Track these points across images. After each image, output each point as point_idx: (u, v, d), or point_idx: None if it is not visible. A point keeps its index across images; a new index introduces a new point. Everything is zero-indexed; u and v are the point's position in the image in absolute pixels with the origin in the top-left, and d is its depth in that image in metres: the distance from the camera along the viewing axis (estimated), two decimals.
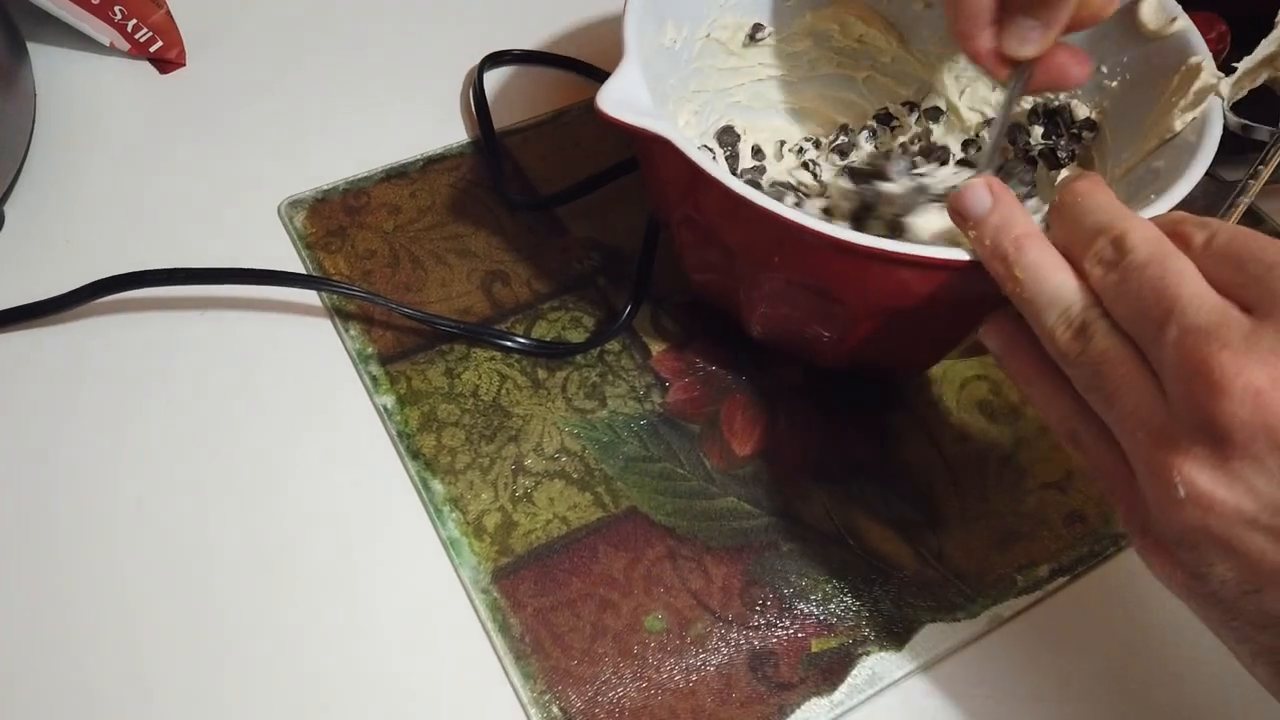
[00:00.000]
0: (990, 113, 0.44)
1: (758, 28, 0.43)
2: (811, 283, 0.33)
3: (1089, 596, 0.37)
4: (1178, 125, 0.35)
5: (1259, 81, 0.36)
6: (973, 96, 0.44)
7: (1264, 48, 0.36)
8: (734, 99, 0.45)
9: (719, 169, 0.32)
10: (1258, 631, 0.25)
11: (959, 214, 0.30)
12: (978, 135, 0.44)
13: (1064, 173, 0.41)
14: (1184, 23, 0.37)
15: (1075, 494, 0.39)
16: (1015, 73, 0.36)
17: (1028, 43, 0.35)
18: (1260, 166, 0.38)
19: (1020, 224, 0.29)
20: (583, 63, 0.51)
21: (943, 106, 0.45)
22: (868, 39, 0.45)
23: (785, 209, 0.31)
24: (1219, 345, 0.24)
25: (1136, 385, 0.26)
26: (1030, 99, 0.43)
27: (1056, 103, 0.42)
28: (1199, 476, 0.24)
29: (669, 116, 0.41)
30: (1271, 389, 0.23)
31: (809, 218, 0.31)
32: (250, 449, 0.38)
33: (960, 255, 0.30)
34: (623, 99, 0.33)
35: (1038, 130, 0.42)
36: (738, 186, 0.31)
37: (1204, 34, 0.37)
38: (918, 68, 0.45)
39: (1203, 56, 0.36)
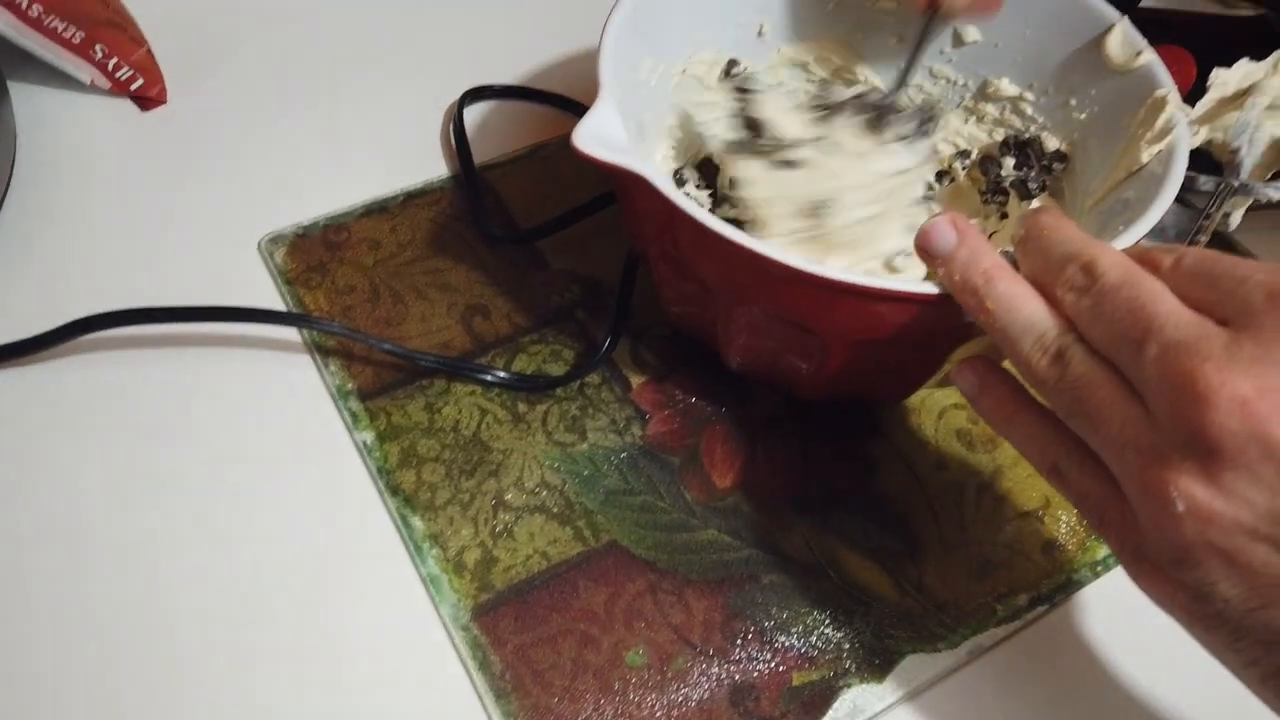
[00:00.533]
0: (963, 144, 0.45)
1: (733, 63, 0.43)
2: (786, 316, 0.34)
3: (1068, 625, 0.37)
4: (1145, 157, 0.35)
5: (1198, 142, 0.37)
6: (946, 128, 0.45)
7: (1200, 107, 0.37)
8: (711, 132, 0.46)
9: (694, 205, 0.32)
10: (1265, 651, 0.25)
11: (925, 252, 0.30)
12: (950, 165, 0.45)
13: (1035, 203, 0.41)
14: (1149, 56, 0.38)
15: (1052, 523, 0.39)
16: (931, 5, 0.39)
17: None
18: (1209, 214, 0.39)
19: (987, 257, 0.29)
20: (562, 97, 0.51)
21: None
22: (843, 72, 0.45)
23: (759, 244, 0.31)
24: (1201, 358, 0.24)
25: (1120, 406, 0.26)
26: (1002, 130, 0.43)
27: (1028, 135, 0.42)
28: (1195, 490, 0.24)
29: (647, 150, 0.42)
30: (1257, 398, 0.23)
31: (784, 253, 0.31)
32: (229, 486, 0.37)
33: (932, 289, 0.30)
34: (598, 136, 0.33)
35: (1009, 162, 0.42)
36: (712, 223, 0.32)
37: (1170, 67, 0.38)
38: (894, 100, 0.46)
39: (1168, 90, 0.37)
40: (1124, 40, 0.38)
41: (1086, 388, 0.26)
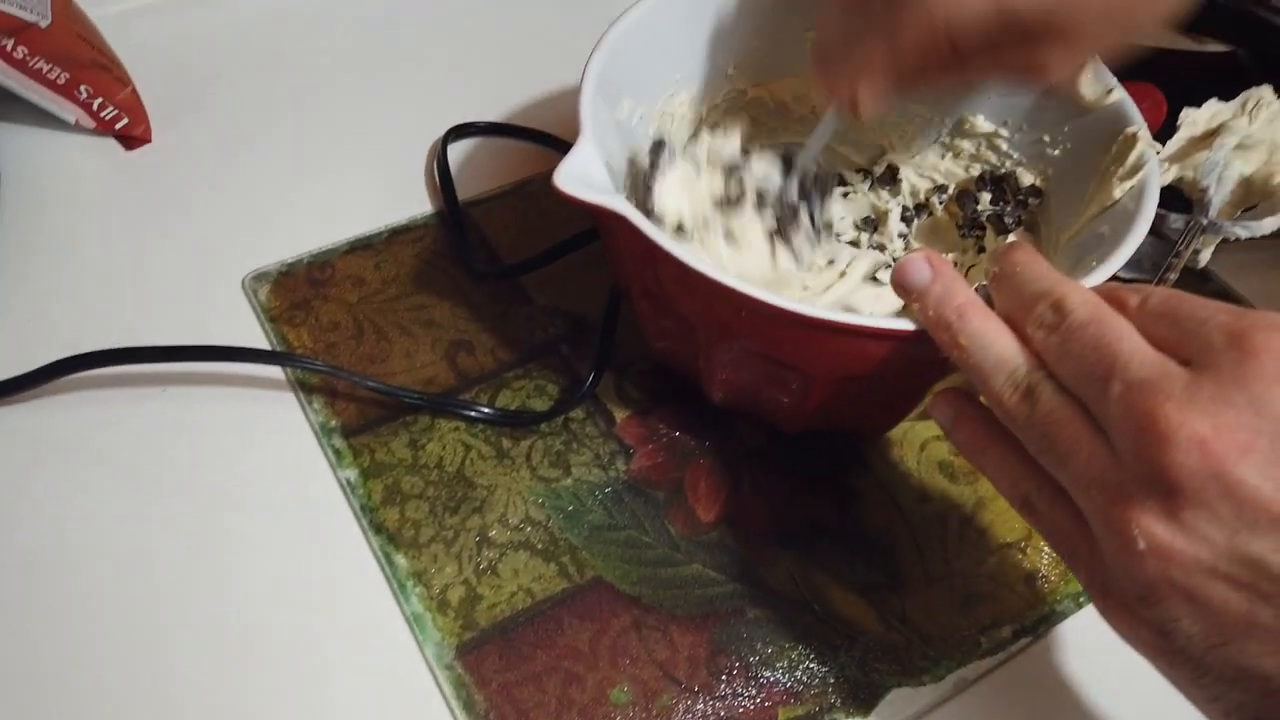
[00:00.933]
0: (940, 179, 0.45)
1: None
2: (767, 352, 0.34)
3: (1052, 656, 0.37)
4: (1117, 193, 0.36)
5: (1169, 179, 0.38)
6: (922, 164, 0.45)
7: (1170, 146, 0.38)
8: None
9: (674, 243, 0.32)
10: (1228, 688, 0.25)
11: (901, 287, 0.31)
12: (928, 200, 0.45)
13: (1011, 237, 0.42)
14: (1120, 94, 0.39)
15: (1034, 554, 0.39)
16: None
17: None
18: (1179, 251, 0.40)
19: (961, 294, 0.30)
20: (545, 134, 0.52)
21: (895, 173, 0.46)
22: (822, 109, 0.46)
23: (738, 282, 0.31)
24: (1163, 397, 0.24)
25: (1086, 443, 0.26)
26: (978, 166, 0.44)
27: (1003, 170, 0.43)
28: (1156, 528, 0.24)
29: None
30: (1215, 437, 0.24)
31: (761, 291, 0.31)
32: (212, 524, 0.37)
33: (907, 325, 0.31)
34: (579, 176, 0.34)
35: (985, 197, 0.43)
36: (692, 261, 0.32)
37: (1140, 104, 0.39)
38: (871, 135, 0.46)
39: (1138, 126, 0.37)
40: (1095, 78, 0.39)
41: (1055, 424, 0.27)
